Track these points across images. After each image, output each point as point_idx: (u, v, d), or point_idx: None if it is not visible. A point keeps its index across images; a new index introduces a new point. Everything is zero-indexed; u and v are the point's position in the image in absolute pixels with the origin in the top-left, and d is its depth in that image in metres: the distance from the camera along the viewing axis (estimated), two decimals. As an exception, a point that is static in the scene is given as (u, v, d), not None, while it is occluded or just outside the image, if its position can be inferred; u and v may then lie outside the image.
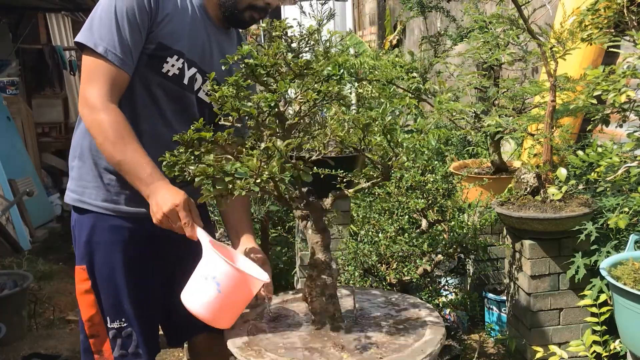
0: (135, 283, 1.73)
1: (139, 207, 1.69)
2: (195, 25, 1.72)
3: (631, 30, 2.13)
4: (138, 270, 1.73)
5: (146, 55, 1.66)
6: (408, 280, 2.56)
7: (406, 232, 2.68)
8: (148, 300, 1.77)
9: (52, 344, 3.36)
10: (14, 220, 5.03)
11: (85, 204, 1.72)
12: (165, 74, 1.69)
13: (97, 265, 1.72)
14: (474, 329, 3.02)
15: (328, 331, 1.51)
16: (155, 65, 1.67)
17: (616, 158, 1.74)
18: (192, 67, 1.73)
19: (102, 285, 1.72)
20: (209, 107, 1.76)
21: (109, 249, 1.71)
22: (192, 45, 1.71)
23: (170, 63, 1.68)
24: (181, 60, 1.69)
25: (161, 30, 1.65)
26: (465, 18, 3.29)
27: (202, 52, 1.74)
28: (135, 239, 1.72)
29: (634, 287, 1.71)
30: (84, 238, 1.72)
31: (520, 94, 2.69)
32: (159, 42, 1.65)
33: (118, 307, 1.72)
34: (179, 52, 1.69)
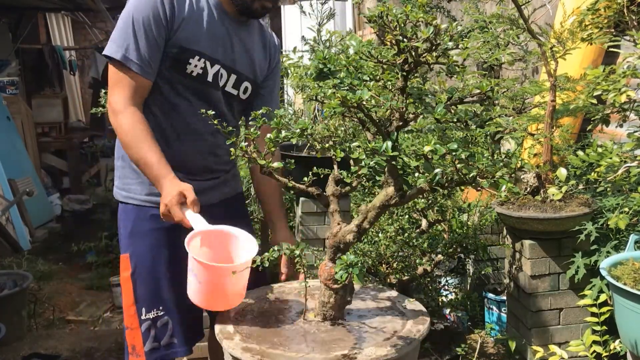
0: (175, 271, 1.77)
1: None
2: (213, 24, 1.79)
3: (631, 30, 2.13)
4: (178, 259, 1.75)
5: (169, 58, 1.75)
6: (408, 280, 2.56)
7: (406, 232, 2.68)
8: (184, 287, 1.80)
9: (52, 344, 3.36)
10: (14, 220, 5.04)
11: (130, 198, 1.84)
12: (190, 74, 1.77)
13: (138, 254, 1.81)
14: (474, 329, 3.02)
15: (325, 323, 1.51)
16: (179, 67, 1.76)
17: (616, 158, 1.74)
18: (216, 65, 1.80)
19: (141, 273, 1.80)
20: (237, 99, 1.90)
21: (150, 236, 1.80)
22: (212, 44, 1.78)
23: (193, 64, 1.76)
24: (203, 60, 1.77)
25: (180, 34, 1.73)
26: (465, 18, 3.29)
27: (223, 49, 1.81)
28: (175, 227, 1.75)
29: (634, 287, 1.71)
30: (129, 229, 1.83)
31: (520, 94, 2.69)
32: (180, 46, 1.74)
33: (156, 295, 1.79)
34: (200, 52, 1.76)
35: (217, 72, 1.82)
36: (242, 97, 1.91)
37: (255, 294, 1.76)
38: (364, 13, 3.30)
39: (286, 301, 1.73)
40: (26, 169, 5.87)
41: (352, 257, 1.33)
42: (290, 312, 1.65)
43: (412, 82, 1.47)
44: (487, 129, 2.61)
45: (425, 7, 1.39)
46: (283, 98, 3.83)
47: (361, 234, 1.50)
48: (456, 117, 1.36)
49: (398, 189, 1.43)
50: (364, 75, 1.44)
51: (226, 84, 1.86)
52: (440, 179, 1.31)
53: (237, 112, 1.94)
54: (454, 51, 1.39)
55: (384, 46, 1.46)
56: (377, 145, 1.32)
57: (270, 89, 2.01)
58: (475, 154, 1.29)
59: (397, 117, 1.43)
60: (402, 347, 1.40)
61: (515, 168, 1.31)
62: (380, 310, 1.65)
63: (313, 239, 3.13)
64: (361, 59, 1.44)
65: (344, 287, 1.53)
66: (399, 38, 1.36)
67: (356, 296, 1.71)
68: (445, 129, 1.39)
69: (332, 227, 1.55)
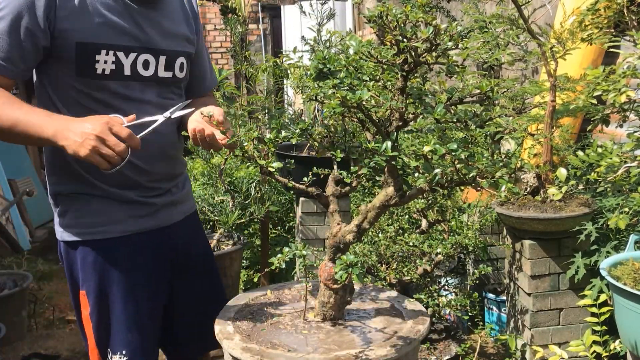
0: (137, 308, 1.60)
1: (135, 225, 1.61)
2: (112, 9, 1.51)
3: (631, 30, 2.13)
4: (140, 292, 1.61)
5: (71, 63, 1.48)
6: (408, 280, 2.56)
7: (406, 232, 2.68)
8: (151, 324, 1.66)
9: (52, 344, 3.36)
10: (14, 220, 5.04)
11: (76, 234, 1.58)
12: (102, 75, 1.51)
13: (95, 291, 1.58)
14: (474, 329, 3.02)
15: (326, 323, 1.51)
16: (87, 69, 1.49)
17: (616, 158, 1.74)
18: (131, 53, 1.54)
19: (99, 312, 1.59)
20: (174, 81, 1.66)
21: (108, 271, 1.58)
22: (116, 32, 1.51)
23: (102, 60, 1.49)
24: (112, 52, 1.50)
25: (70, 29, 1.45)
26: (465, 18, 3.29)
27: (135, 32, 1.55)
28: (136, 258, 1.61)
29: (634, 287, 1.71)
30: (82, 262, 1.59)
31: (520, 94, 2.69)
32: (77, 43, 1.46)
33: (120, 337, 1.59)
34: (105, 44, 1.49)
35: (135, 60, 1.55)
36: (179, 77, 1.67)
37: (255, 294, 1.76)
38: (363, 13, 3.30)
39: (286, 301, 1.73)
40: (26, 169, 5.87)
41: (352, 257, 1.33)
42: (290, 312, 1.65)
43: (412, 82, 1.47)
44: (487, 129, 2.61)
45: (425, 7, 1.39)
46: (283, 98, 3.84)
47: (361, 234, 1.50)
48: (456, 117, 1.36)
49: (398, 189, 1.43)
50: (363, 76, 1.44)
51: (157, 69, 1.60)
52: (440, 179, 1.31)
53: (178, 96, 1.69)
54: (454, 51, 1.39)
55: (384, 46, 1.46)
56: (377, 146, 1.32)
57: (199, 52, 1.78)
58: (475, 154, 1.29)
59: (396, 117, 1.43)
60: (402, 347, 1.40)
61: (515, 168, 1.31)
62: (380, 310, 1.65)
63: (313, 239, 3.13)
64: (361, 59, 1.44)
65: (344, 287, 1.53)
66: (399, 38, 1.36)
67: (356, 296, 1.71)
68: (445, 129, 1.38)
69: (332, 227, 1.55)
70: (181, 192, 1.74)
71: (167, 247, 1.68)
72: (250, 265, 3.87)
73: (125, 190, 1.59)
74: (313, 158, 2.66)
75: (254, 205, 3.38)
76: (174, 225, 1.70)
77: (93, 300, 1.58)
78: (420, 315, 1.58)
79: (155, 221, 1.65)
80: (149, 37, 1.57)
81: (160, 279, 1.67)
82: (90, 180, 1.57)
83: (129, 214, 1.60)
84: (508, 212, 2.32)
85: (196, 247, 1.80)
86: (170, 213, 1.70)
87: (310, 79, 1.47)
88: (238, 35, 3.28)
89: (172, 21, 1.65)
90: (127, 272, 1.59)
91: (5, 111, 1.39)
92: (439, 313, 2.67)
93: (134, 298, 1.59)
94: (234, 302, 1.70)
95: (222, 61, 8.43)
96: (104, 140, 1.32)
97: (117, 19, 1.52)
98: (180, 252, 1.72)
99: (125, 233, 1.60)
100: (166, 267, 1.69)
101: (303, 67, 3.04)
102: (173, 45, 1.64)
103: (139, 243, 1.61)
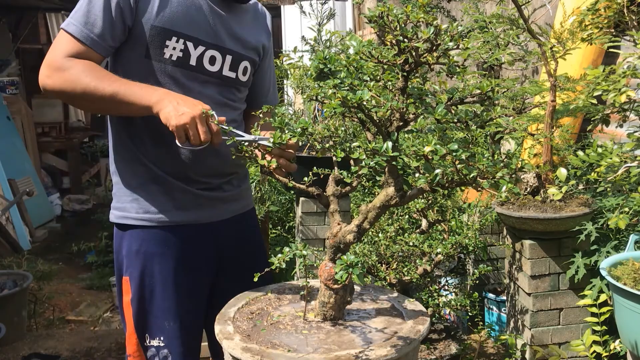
0: (176, 299, 1.64)
1: (181, 217, 1.64)
2: (190, 4, 1.60)
3: (631, 30, 2.13)
4: (182, 284, 1.65)
5: (142, 45, 1.56)
6: (408, 280, 2.56)
7: (406, 232, 2.68)
8: (190, 317, 1.69)
9: (52, 344, 3.36)
10: (14, 220, 5.04)
11: (125, 218, 1.66)
12: (169, 59, 1.58)
13: (138, 278, 1.63)
14: (474, 329, 3.02)
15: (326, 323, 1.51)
16: (156, 52, 1.57)
17: (616, 158, 1.74)
18: (200, 46, 1.61)
19: (142, 298, 1.64)
20: (237, 83, 1.71)
21: (151, 260, 1.63)
22: (192, 23, 1.59)
23: (171, 46, 1.57)
24: (182, 41, 1.58)
25: (153, 14, 1.54)
26: (465, 18, 3.29)
27: (207, 28, 1.62)
28: (180, 250, 1.64)
29: (634, 287, 1.72)
30: (127, 249, 1.65)
31: (520, 94, 2.69)
32: (152, 26, 1.54)
33: (157, 323, 1.64)
34: (177, 32, 1.57)
35: (202, 54, 1.62)
36: (242, 80, 1.73)
37: (255, 293, 1.76)
38: (364, 13, 3.30)
39: (286, 301, 1.73)
40: (26, 169, 5.87)
41: (352, 257, 1.33)
42: (290, 312, 1.65)
43: (412, 83, 1.47)
44: (488, 129, 2.61)
45: (426, 8, 1.39)
46: (283, 98, 3.84)
47: (361, 234, 1.50)
48: (456, 118, 1.36)
49: (398, 189, 1.43)
50: (364, 76, 1.44)
51: (222, 67, 1.66)
52: (440, 179, 1.31)
53: (238, 100, 1.76)
54: (455, 51, 1.39)
55: (384, 46, 1.46)
56: (378, 146, 1.32)
57: (264, 67, 1.85)
58: (476, 154, 1.29)
59: (397, 117, 1.43)
60: (402, 347, 1.40)
61: (516, 168, 1.31)
62: (380, 310, 1.65)
63: (313, 239, 3.13)
64: (361, 59, 1.44)
65: (344, 287, 1.53)
66: (400, 38, 1.36)
67: (356, 296, 1.71)
68: (445, 129, 1.38)
69: (332, 227, 1.55)
70: (234, 191, 1.76)
71: (213, 244, 1.70)
72: (250, 265, 3.87)
73: (174, 178, 1.63)
74: (313, 158, 2.66)
75: (255, 205, 3.38)
76: (222, 223, 1.72)
77: (135, 287, 1.63)
78: (420, 315, 1.58)
79: (202, 214, 1.67)
80: (219, 36, 1.64)
81: (202, 274, 1.71)
82: (144, 161, 1.62)
83: (174, 205, 1.63)
84: (508, 212, 2.32)
85: (245, 248, 1.81)
86: (218, 209, 1.72)
87: (310, 79, 1.47)
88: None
89: (243, 29, 1.71)
90: (170, 263, 1.63)
91: (105, 81, 1.46)
92: (439, 313, 2.67)
93: (174, 289, 1.63)
94: (234, 302, 1.69)
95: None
96: (196, 124, 1.42)
97: (194, 12, 1.59)
98: (227, 251, 1.74)
99: (172, 223, 1.63)
100: (211, 264, 1.72)
101: (303, 67, 3.04)
102: (240, 48, 1.69)
103: (185, 235, 1.65)
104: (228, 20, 1.67)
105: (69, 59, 1.47)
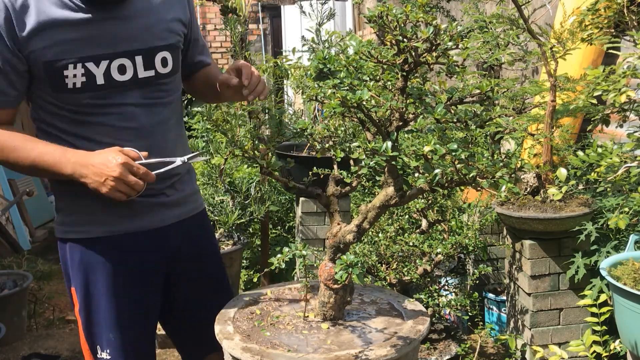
0: (121, 309, 1.59)
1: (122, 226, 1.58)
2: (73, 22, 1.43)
3: (631, 30, 2.13)
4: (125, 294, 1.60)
5: (47, 81, 1.45)
6: (408, 280, 2.56)
7: (406, 232, 2.68)
8: (137, 327, 1.65)
9: (52, 344, 3.36)
10: (14, 220, 5.04)
11: (69, 232, 1.59)
12: (75, 88, 1.45)
13: (84, 288, 1.59)
14: (474, 329, 3.02)
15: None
16: (57, 85, 1.45)
17: (616, 158, 1.74)
18: (103, 61, 1.46)
19: (85, 309, 1.60)
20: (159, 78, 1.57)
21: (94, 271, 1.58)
22: (83, 42, 1.44)
23: (71, 75, 1.44)
24: (79, 65, 1.44)
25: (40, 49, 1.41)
26: (465, 18, 3.29)
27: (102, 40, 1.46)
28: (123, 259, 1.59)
29: (634, 287, 1.71)
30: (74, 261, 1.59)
31: (520, 94, 2.69)
32: (44, 62, 1.42)
33: (104, 335, 1.60)
34: (72, 59, 1.43)
35: (108, 68, 1.47)
36: (163, 72, 1.57)
37: (254, 294, 1.76)
38: (364, 13, 3.30)
39: (286, 301, 1.73)
40: (26, 169, 5.87)
41: (352, 257, 1.33)
42: (290, 312, 1.65)
43: (412, 82, 1.47)
44: (487, 129, 2.61)
45: (425, 7, 1.39)
46: (283, 98, 3.84)
47: (361, 234, 1.50)
48: (456, 117, 1.36)
49: (398, 189, 1.43)
50: (364, 76, 1.44)
51: (135, 70, 1.51)
52: (440, 179, 1.31)
53: (167, 92, 1.61)
54: (454, 51, 1.39)
55: (384, 46, 1.46)
56: (377, 146, 1.32)
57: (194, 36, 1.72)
58: (475, 154, 1.29)
59: (397, 117, 1.43)
60: (402, 347, 1.40)
61: (515, 168, 1.31)
62: (380, 310, 1.65)
63: (313, 239, 3.13)
64: (361, 59, 1.44)
65: (344, 287, 1.53)
66: (399, 38, 1.36)
67: (356, 296, 1.71)
68: (445, 129, 1.38)
69: (332, 227, 1.55)
70: (177, 195, 1.66)
71: (160, 249, 1.64)
72: (250, 265, 3.87)
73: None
74: (313, 158, 2.66)
75: (254, 205, 3.38)
76: (169, 228, 1.65)
77: (80, 297, 1.60)
78: (420, 315, 1.58)
79: (142, 222, 1.60)
80: (118, 40, 1.48)
81: (150, 281, 1.65)
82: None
83: (113, 214, 1.56)
84: (508, 212, 2.32)
85: (198, 250, 1.76)
86: (162, 215, 1.63)
87: (310, 79, 1.47)
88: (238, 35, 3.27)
89: (149, 15, 1.53)
90: (110, 272, 1.58)
91: (20, 154, 1.42)
92: (439, 313, 2.67)
93: (115, 299, 1.59)
94: (234, 302, 1.69)
95: (222, 61, 8.43)
96: (123, 180, 1.39)
97: (82, 30, 1.44)
98: (177, 254, 1.69)
99: (110, 233, 1.57)
100: (160, 269, 1.66)
101: (303, 67, 3.04)
102: (150, 41, 1.52)
103: (125, 244, 1.59)
104: (126, 15, 1.49)
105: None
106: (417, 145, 2.92)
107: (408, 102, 1.41)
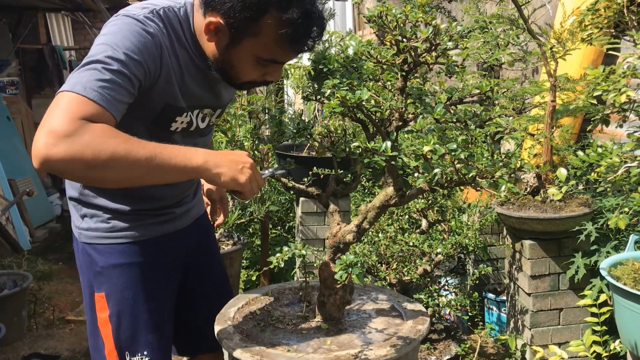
0: (153, 310, 1.62)
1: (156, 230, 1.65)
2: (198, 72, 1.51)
3: (631, 30, 2.12)
4: (156, 296, 1.63)
5: (153, 116, 1.48)
6: (408, 281, 2.56)
7: (406, 232, 2.68)
8: (168, 326, 1.69)
9: (52, 344, 3.36)
10: (14, 220, 5.04)
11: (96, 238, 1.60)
12: (174, 131, 1.54)
13: (114, 293, 1.58)
14: (474, 329, 3.02)
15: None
16: (163, 124, 1.51)
17: (616, 158, 1.74)
18: (202, 110, 1.59)
19: (121, 314, 1.58)
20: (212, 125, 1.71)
21: (125, 273, 1.59)
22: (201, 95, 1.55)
23: (180, 121, 1.53)
24: (189, 114, 1.54)
25: (168, 91, 1.45)
26: (465, 18, 3.29)
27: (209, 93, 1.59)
28: (150, 262, 1.63)
29: (634, 287, 1.71)
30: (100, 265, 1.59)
31: (520, 94, 2.69)
32: (167, 103, 1.46)
33: (142, 338, 1.60)
34: (188, 106, 1.52)
35: (198, 115, 1.59)
36: (214, 122, 1.73)
37: (254, 294, 1.76)
38: (363, 13, 3.30)
39: (286, 301, 1.73)
40: (26, 169, 5.87)
41: (351, 257, 1.33)
42: (290, 312, 1.65)
43: (411, 82, 1.47)
44: (487, 129, 2.61)
45: (425, 7, 1.39)
46: (283, 98, 3.84)
47: (361, 234, 1.50)
48: (456, 117, 1.36)
49: (398, 189, 1.43)
50: (363, 75, 1.44)
51: (211, 119, 1.66)
52: (439, 179, 1.31)
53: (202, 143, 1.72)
54: (454, 51, 1.39)
55: (384, 46, 1.46)
56: (377, 145, 1.32)
57: None
58: (475, 154, 1.29)
59: (396, 117, 1.43)
60: (402, 347, 1.40)
61: (515, 168, 1.31)
62: (380, 310, 1.65)
63: (313, 239, 3.13)
64: (361, 59, 1.44)
65: (344, 287, 1.53)
66: (399, 38, 1.36)
67: (356, 296, 1.71)
68: (444, 129, 1.38)
69: (332, 227, 1.55)
70: (194, 199, 1.80)
71: (180, 249, 1.72)
72: (250, 265, 3.88)
73: (150, 202, 1.63)
74: (313, 158, 2.66)
75: (254, 205, 3.38)
76: (186, 228, 1.74)
77: (114, 302, 1.58)
78: (420, 315, 1.58)
79: (172, 226, 1.69)
80: (221, 97, 1.63)
81: (174, 280, 1.72)
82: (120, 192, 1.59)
83: (150, 221, 1.63)
84: (508, 212, 2.32)
85: (205, 248, 1.85)
86: (185, 218, 1.75)
87: (309, 79, 1.47)
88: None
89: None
90: (149, 274, 1.61)
91: (135, 144, 1.26)
92: (439, 313, 2.67)
93: (155, 300, 1.62)
94: (234, 302, 1.70)
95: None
96: (255, 171, 1.39)
97: (203, 84, 1.53)
98: (190, 253, 1.76)
99: (148, 237, 1.63)
100: (179, 268, 1.73)
101: (303, 67, 3.04)
102: (227, 97, 1.69)
103: (158, 246, 1.64)
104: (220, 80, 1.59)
105: (81, 122, 1.24)
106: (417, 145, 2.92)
107: (408, 102, 1.41)
